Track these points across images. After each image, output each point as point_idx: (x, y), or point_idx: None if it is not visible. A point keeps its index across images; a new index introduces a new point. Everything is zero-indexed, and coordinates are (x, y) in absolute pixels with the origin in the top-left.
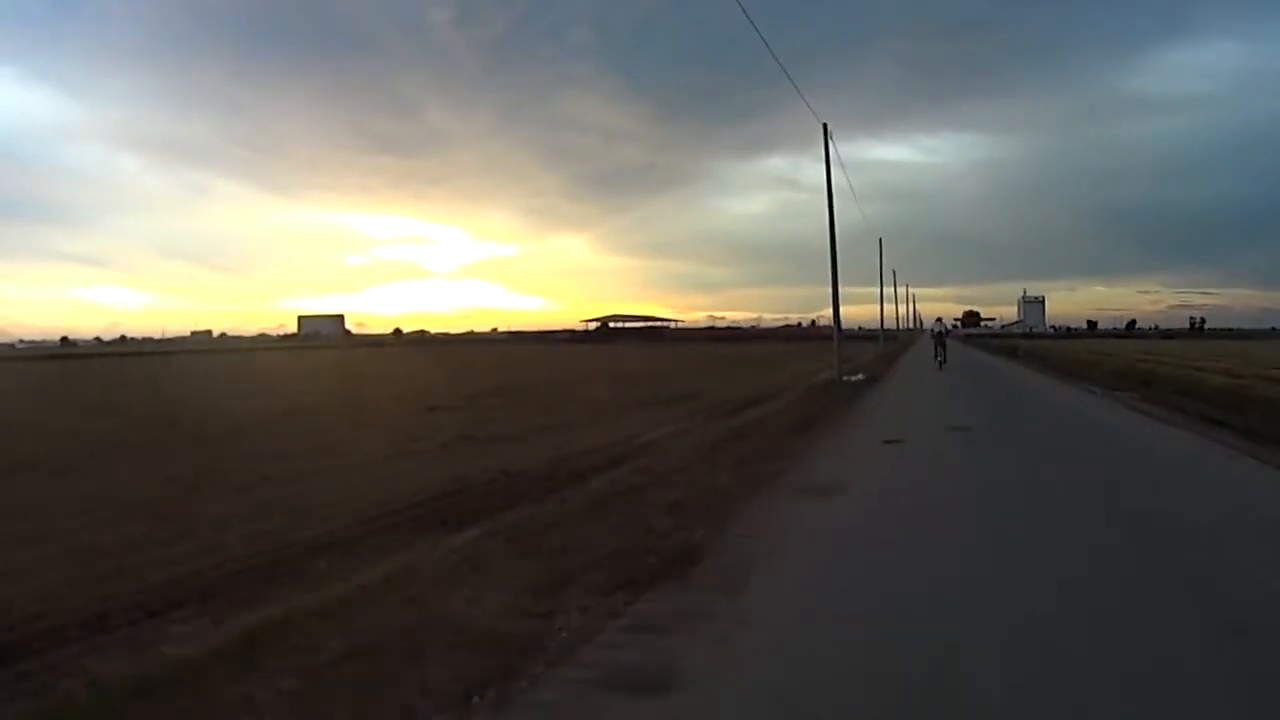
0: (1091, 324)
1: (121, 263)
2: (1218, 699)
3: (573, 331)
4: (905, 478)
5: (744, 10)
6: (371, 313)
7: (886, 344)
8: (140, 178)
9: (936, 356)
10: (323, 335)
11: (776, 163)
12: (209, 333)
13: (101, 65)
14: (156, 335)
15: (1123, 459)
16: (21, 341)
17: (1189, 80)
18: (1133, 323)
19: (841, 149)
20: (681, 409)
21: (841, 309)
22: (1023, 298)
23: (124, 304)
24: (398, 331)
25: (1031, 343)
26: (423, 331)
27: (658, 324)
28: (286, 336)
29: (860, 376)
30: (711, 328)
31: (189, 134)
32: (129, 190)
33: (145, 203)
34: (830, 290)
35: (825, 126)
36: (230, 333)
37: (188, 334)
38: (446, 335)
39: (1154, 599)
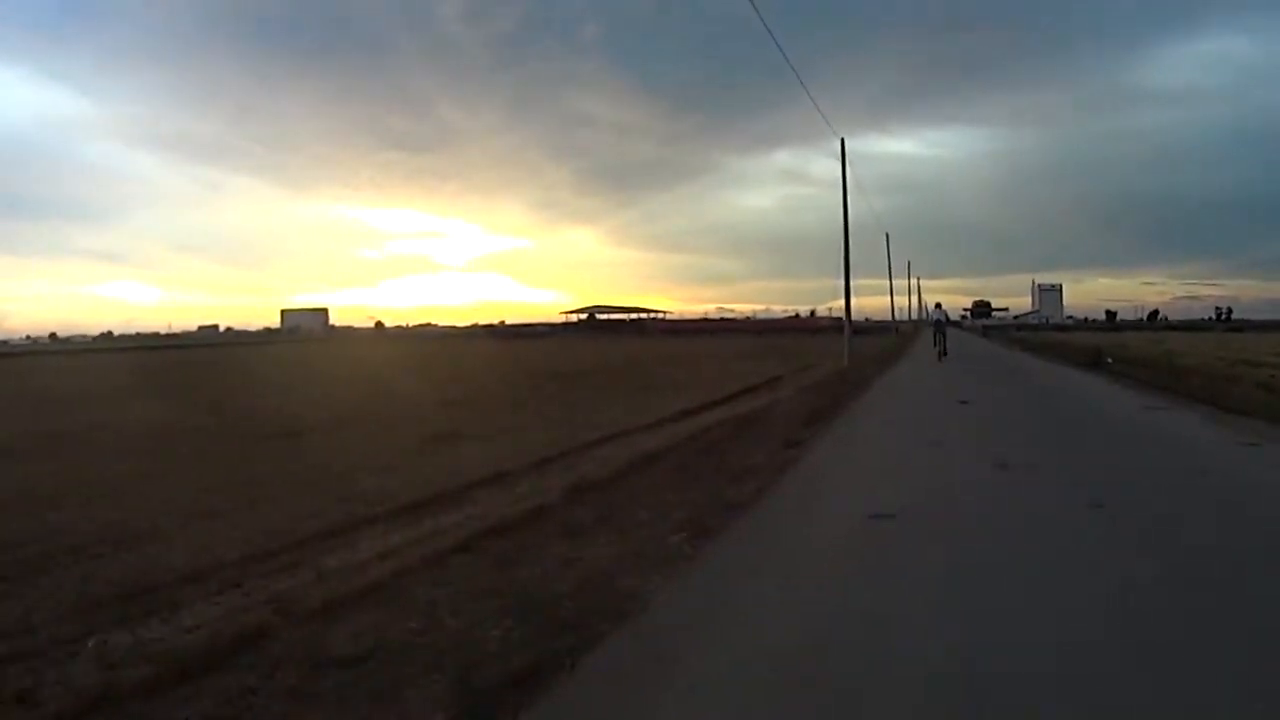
0: (1110, 314)
1: (135, 258)
2: None
3: (551, 325)
4: None
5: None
6: (386, 306)
7: (870, 341)
8: (155, 174)
9: (936, 346)
10: (304, 330)
11: (784, 157)
12: (215, 328)
13: (114, 64)
14: (162, 330)
15: None
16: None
17: (1196, 73)
18: (1155, 313)
19: (848, 143)
20: None
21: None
22: (1038, 286)
23: (137, 299)
24: (379, 325)
25: (1065, 337)
26: (428, 324)
27: (645, 316)
28: (269, 331)
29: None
30: (705, 319)
31: (203, 131)
32: (143, 187)
33: (159, 199)
34: None
35: None
36: (235, 327)
37: (194, 329)
38: (453, 328)
39: None
